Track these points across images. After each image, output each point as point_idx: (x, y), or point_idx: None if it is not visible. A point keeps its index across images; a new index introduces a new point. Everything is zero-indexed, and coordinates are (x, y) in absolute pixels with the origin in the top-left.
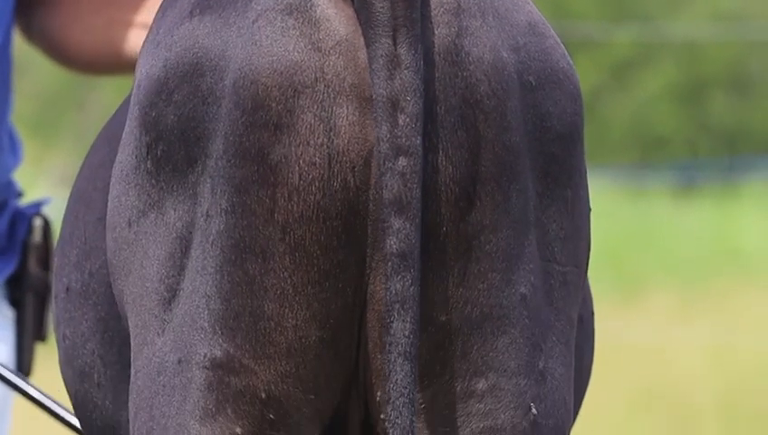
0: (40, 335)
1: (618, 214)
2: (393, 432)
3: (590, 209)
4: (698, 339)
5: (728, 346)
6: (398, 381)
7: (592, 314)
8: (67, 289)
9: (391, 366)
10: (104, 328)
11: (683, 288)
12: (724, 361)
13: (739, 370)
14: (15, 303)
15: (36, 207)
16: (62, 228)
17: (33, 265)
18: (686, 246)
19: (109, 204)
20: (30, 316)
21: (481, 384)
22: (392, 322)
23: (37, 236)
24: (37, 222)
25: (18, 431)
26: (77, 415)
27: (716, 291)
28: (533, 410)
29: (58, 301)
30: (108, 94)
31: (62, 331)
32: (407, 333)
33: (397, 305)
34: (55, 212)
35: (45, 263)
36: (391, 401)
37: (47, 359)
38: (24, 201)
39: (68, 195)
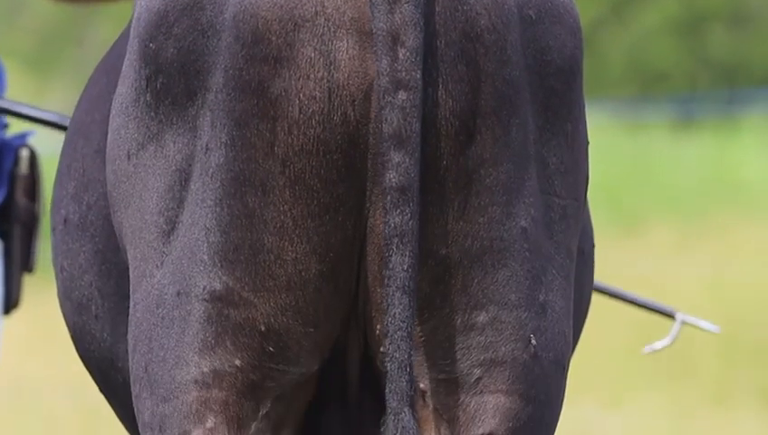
0: (27, 266)
1: (616, 148)
2: (391, 366)
3: (588, 143)
4: (697, 272)
5: (727, 279)
6: (397, 315)
7: (593, 246)
8: (65, 221)
9: (390, 300)
10: (102, 260)
11: (682, 221)
12: (724, 293)
13: (738, 302)
14: (3, 234)
15: (22, 139)
16: (61, 161)
17: (20, 197)
18: (685, 179)
19: (108, 136)
20: (17, 247)
21: (481, 317)
22: (391, 256)
23: (24, 168)
24: (24, 153)
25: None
26: (76, 347)
27: (715, 224)
28: (533, 342)
29: (56, 233)
30: (106, 29)
31: (60, 263)
32: (405, 267)
33: (395, 239)
34: (53, 146)
35: (32, 194)
36: (389, 335)
37: (35, 289)
38: (10, 133)
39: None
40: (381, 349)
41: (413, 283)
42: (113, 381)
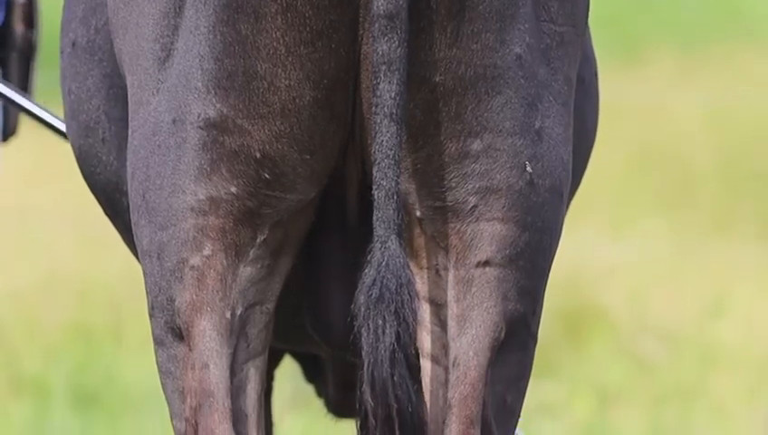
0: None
1: None
2: (378, 193)
3: None
4: (698, 100)
5: (728, 107)
6: (384, 143)
7: (595, 74)
8: (73, 44)
9: (377, 128)
10: (110, 84)
11: (683, 51)
12: (724, 121)
13: (738, 130)
14: (0, 62)
15: None
16: None
17: (17, 24)
18: (686, 7)
19: None
20: (15, 75)
21: (476, 145)
22: (379, 83)
23: None
24: None
25: None
26: (81, 170)
27: (717, 53)
28: (529, 170)
29: (64, 56)
30: None
31: (68, 85)
32: (393, 94)
33: (383, 67)
34: None
35: (30, 21)
36: (377, 163)
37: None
38: None
39: None
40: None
41: (401, 111)
42: (118, 205)
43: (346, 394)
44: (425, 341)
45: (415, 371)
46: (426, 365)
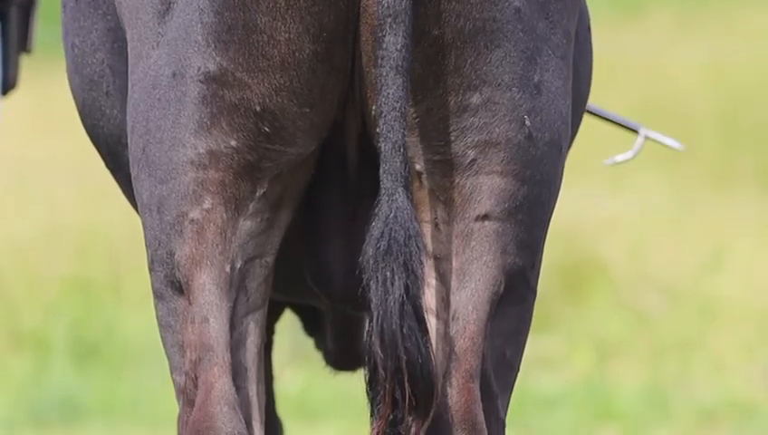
0: (25, 48)
1: None
2: (385, 146)
3: None
4: (697, 54)
5: (727, 61)
6: (390, 95)
7: (588, 29)
8: None
9: (383, 80)
10: (114, 38)
11: (682, 4)
12: (723, 75)
13: (738, 84)
14: (0, 16)
15: None
16: None
17: None
18: None
19: None
20: (15, 29)
21: (475, 98)
22: (384, 36)
23: None
24: None
25: None
26: (84, 123)
27: (716, 6)
28: (527, 123)
29: (66, 10)
30: None
31: (71, 40)
32: (398, 47)
33: (389, 20)
34: None
35: None
36: (383, 115)
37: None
38: None
39: None
40: (376, 129)
41: (406, 63)
42: (121, 158)
43: (345, 346)
44: (425, 294)
45: (423, 323)
46: (427, 319)
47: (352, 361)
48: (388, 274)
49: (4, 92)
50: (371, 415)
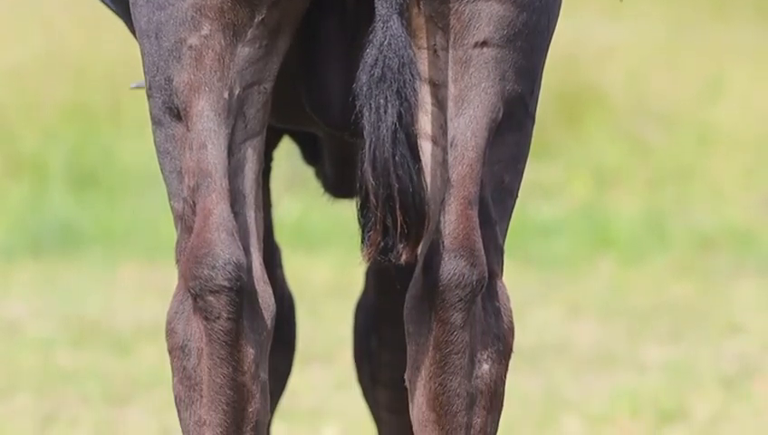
0: None
1: None
2: None
3: None
4: None
5: None
6: None
7: None
8: None
9: None
10: None
11: None
12: None
13: None
14: None
15: None
16: None
17: None
18: None
19: None
20: None
21: None
22: None
23: None
24: None
25: None
26: None
27: None
28: None
29: None
30: None
31: None
32: None
33: None
34: None
35: None
36: None
37: None
38: None
39: None
40: None
41: None
42: None
43: (343, 173)
44: (423, 121)
45: (416, 151)
46: (425, 145)
47: (350, 187)
48: (382, 101)
49: None
50: (362, 242)
